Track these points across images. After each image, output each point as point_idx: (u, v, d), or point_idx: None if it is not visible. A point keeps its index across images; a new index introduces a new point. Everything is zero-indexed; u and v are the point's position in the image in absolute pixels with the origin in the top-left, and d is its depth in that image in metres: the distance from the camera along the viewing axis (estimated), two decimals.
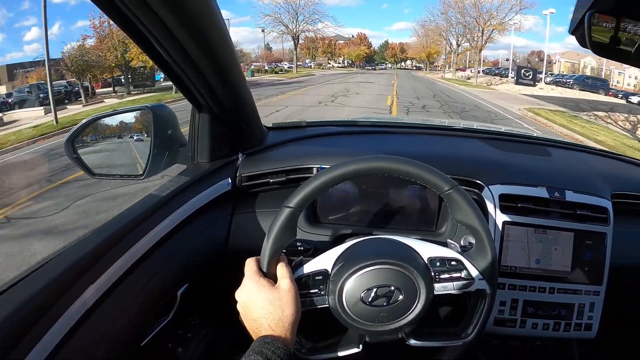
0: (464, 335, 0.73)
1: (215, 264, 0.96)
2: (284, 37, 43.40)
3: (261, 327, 0.63)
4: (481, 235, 0.71)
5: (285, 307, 0.64)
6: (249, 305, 0.65)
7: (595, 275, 0.95)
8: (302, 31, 41.88)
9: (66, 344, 0.59)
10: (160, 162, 0.96)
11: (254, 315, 0.64)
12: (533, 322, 0.94)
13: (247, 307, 0.66)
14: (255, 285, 0.66)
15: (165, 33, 0.65)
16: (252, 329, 0.65)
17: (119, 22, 0.63)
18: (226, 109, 0.92)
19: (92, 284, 0.64)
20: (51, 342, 0.57)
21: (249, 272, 0.68)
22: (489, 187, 0.96)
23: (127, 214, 0.79)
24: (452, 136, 1.34)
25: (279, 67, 45.72)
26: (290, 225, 0.68)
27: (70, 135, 0.92)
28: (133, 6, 0.58)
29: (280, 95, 15.65)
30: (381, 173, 0.69)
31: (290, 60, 54.34)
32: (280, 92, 16.82)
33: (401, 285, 0.68)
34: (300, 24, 41.88)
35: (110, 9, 0.60)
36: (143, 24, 0.62)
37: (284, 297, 0.65)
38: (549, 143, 1.30)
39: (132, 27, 0.64)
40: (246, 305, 0.66)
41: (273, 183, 1.01)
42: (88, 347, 0.62)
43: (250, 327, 0.65)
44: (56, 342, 0.57)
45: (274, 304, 0.64)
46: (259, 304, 0.64)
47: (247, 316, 0.66)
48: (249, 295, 0.66)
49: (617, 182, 1.07)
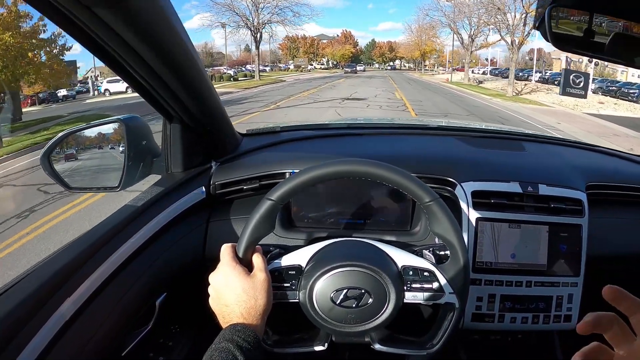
0: (429, 346, 0.74)
1: (193, 272, 0.96)
2: (240, 31, 34.85)
3: (232, 313, 0.64)
4: (456, 251, 0.72)
5: (259, 296, 0.65)
6: (223, 291, 0.66)
7: (572, 267, 0.96)
8: (265, 23, 33.13)
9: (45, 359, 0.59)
10: (135, 173, 0.97)
11: (227, 301, 0.65)
12: (511, 317, 0.95)
13: (220, 292, 0.66)
14: (231, 271, 0.66)
15: (124, 47, 0.65)
16: (222, 314, 0.65)
17: (75, 35, 0.63)
18: (196, 118, 0.92)
19: (69, 297, 0.64)
20: (29, 358, 0.57)
21: (225, 257, 0.68)
22: (462, 185, 0.97)
23: (102, 225, 0.79)
24: (425, 135, 1.35)
25: (244, 71, 39.07)
26: (269, 217, 0.69)
27: (46, 150, 0.92)
28: (88, 21, 0.58)
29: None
30: (365, 177, 0.70)
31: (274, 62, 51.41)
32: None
33: (372, 289, 0.69)
34: (263, 14, 33.10)
35: (69, 26, 0.60)
36: (101, 39, 0.63)
37: (258, 287, 0.65)
38: (522, 137, 1.32)
39: (92, 42, 0.64)
40: (219, 290, 0.66)
41: (247, 190, 1.02)
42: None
43: (221, 312, 0.66)
44: (34, 358, 0.57)
45: (248, 293, 0.64)
46: (234, 290, 0.65)
47: (219, 301, 0.66)
48: (224, 281, 0.66)
49: (591, 173, 1.08)
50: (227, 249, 0.70)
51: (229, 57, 54.52)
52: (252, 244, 0.70)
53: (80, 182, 1.02)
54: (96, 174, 1.05)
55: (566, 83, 16.90)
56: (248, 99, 16.58)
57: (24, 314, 0.59)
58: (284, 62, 59.87)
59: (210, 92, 0.90)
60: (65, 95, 23.98)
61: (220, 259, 0.69)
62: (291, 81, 29.89)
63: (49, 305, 0.62)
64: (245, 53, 55.56)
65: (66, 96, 23.98)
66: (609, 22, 0.57)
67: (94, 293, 0.69)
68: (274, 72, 47.23)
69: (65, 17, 0.58)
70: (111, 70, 0.76)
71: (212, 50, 43.05)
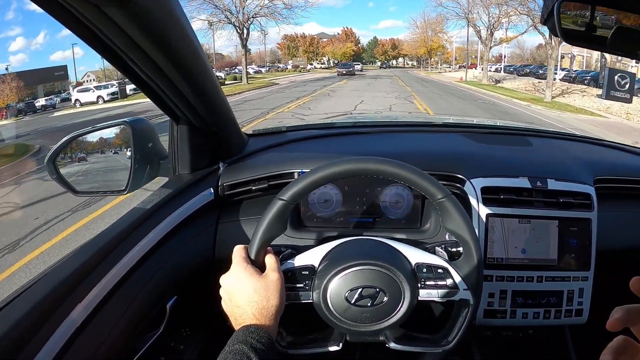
0: (444, 343, 0.74)
1: (203, 274, 0.96)
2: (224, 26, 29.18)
3: (245, 314, 0.63)
4: (470, 247, 0.71)
5: (271, 297, 0.64)
6: (234, 292, 0.65)
7: (582, 261, 0.96)
8: (252, 17, 27.03)
9: None
10: (142, 176, 0.97)
11: (239, 302, 0.64)
12: (523, 312, 0.95)
13: (232, 293, 0.66)
14: (243, 272, 0.66)
15: (132, 48, 0.64)
16: (234, 316, 0.65)
17: (82, 35, 0.62)
18: (203, 119, 0.92)
19: (80, 303, 0.64)
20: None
21: (237, 258, 0.68)
22: (471, 181, 0.97)
23: (110, 229, 0.79)
24: (432, 132, 1.35)
25: (232, 74, 34.17)
26: (281, 217, 0.69)
27: (51, 154, 0.92)
28: (96, 21, 0.58)
29: None
30: (377, 175, 0.70)
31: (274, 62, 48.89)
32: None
33: (386, 287, 0.68)
34: (249, 7, 26.90)
35: (76, 26, 0.60)
36: (109, 38, 0.62)
37: (270, 287, 0.65)
38: (529, 133, 1.32)
39: (99, 42, 0.64)
40: (231, 291, 0.66)
41: (256, 190, 1.02)
42: None
43: (233, 313, 0.65)
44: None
45: (260, 293, 0.64)
46: (246, 291, 0.64)
47: (231, 302, 0.66)
48: (235, 282, 0.66)
49: (599, 168, 1.08)
50: (239, 250, 0.70)
51: (228, 57, 54.12)
52: (264, 245, 0.69)
53: (86, 186, 1.01)
54: (103, 177, 1.05)
55: (610, 85, 13.60)
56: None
57: (36, 320, 0.58)
58: (284, 62, 59.49)
59: (217, 92, 0.90)
60: (45, 105, 22.95)
61: (232, 260, 0.69)
62: (284, 84, 25.63)
63: (60, 310, 0.62)
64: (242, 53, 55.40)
65: (45, 106, 22.73)
66: (602, 16, 0.57)
67: (104, 298, 0.69)
68: (269, 74, 44.09)
69: (72, 16, 0.57)
70: (106, 76, 0.74)
71: (209, 52, 41.95)
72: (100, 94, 22.73)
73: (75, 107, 22.25)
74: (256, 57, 58.85)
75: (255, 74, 40.87)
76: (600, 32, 0.57)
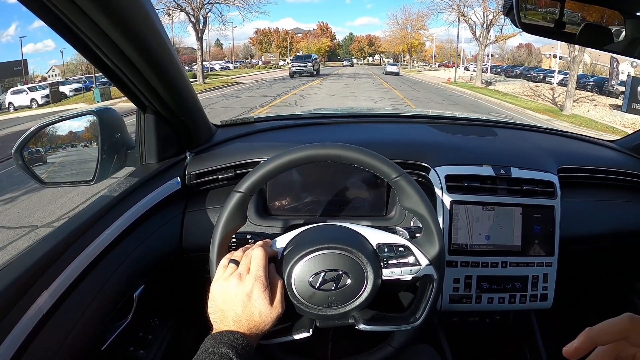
0: (412, 320, 0.75)
1: (170, 264, 0.96)
2: (177, 15, 24.09)
3: (225, 318, 0.64)
4: (428, 223, 0.73)
5: (249, 304, 0.63)
6: (217, 296, 0.66)
7: (546, 247, 0.99)
8: (208, 3, 22.52)
9: (23, 354, 0.58)
10: (109, 166, 0.97)
11: (221, 306, 0.65)
12: (488, 297, 0.98)
13: (214, 297, 0.66)
14: (221, 276, 0.67)
15: (99, 35, 0.64)
16: (215, 319, 0.65)
17: (51, 23, 0.62)
18: (170, 109, 0.92)
19: (46, 290, 0.64)
20: (6, 353, 0.56)
21: (220, 264, 0.69)
22: (435, 169, 0.99)
23: (76, 217, 0.78)
24: (400, 123, 1.37)
25: (193, 71, 26.89)
26: (240, 210, 0.71)
27: (19, 144, 0.91)
28: (64, 8, 0.58)
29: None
30: (332, 160, 0.71)
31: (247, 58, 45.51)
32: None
33: (349, 269, 0.69)
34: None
35: (42, 12, 0.60)
36: (75, 24, 0.62)
37: (251, 294, 0.64)
38: (495, 124, 1.36)
39: (64, 28, 0.64)
40: (214, 295, 0.67)
41: (222, 179, 1.02)
42: (46, 355, 0.62)
43: (215, 315, 0.65)
44: (12, 353, 0.57)
45: (238, 297, 0.64)
46: (227, 296, 0.65)
47: (215, 306, 0.66)
48: (218, 286, 0.66)
49: (563, 157, 1.11)
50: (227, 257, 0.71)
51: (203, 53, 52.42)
52: (224, 240, 0.71)
53: (54, 177, 1.00)
54: (69, 167, 1.03)
55: (633, 97, 12.23)
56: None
57: (0, 308, 0.58)
58: (257, 57, 58.18)
59: (184, 82, 0.90)
60: None
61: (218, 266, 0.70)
62: (248, 84, 21.85)
63: (26, 298, 0.61)
64: (216, 48, 53.26)
65: None
66: (569, 13, 0.60)
67: (70, 286, 0.69)
68: (236, 70, 40.82)
69: (37, 1, 0.58)
70: (71, 70, 0.74)
71: (179, 46, 38.58)
72: (34, 97, 19.67)
73: (9, 111, 19.29)
74: (228, 53, 57.25)
75: (221, 70, 38.17)
76: (569, 29, 0.60)
